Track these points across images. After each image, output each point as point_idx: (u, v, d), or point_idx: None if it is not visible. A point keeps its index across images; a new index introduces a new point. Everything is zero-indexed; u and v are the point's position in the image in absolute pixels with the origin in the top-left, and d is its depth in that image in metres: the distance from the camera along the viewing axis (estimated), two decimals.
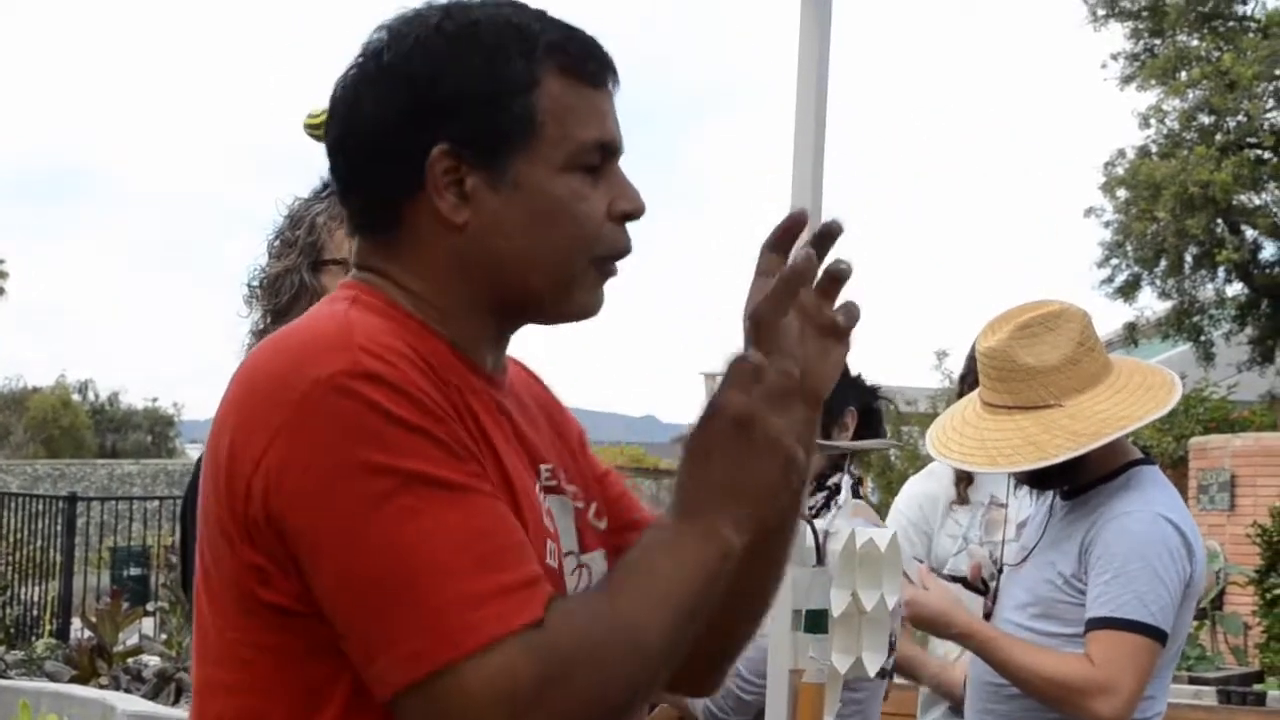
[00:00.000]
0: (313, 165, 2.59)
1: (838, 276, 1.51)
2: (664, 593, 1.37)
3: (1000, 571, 3.56)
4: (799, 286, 1.47)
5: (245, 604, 1.42)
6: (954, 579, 3.36)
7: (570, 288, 1.51)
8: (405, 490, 1.34)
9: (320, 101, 2.66)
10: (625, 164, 1.55)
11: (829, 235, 1.50)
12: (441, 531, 1.33)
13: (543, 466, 1.55)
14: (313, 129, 2.64)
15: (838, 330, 1.52)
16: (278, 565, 1.38)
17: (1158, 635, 2.88)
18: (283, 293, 2.47)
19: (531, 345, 1.67)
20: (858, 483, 3.30)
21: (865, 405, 3.22)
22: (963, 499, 3.77)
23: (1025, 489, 3.27)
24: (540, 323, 1.56)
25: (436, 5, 1.52)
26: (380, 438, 1.35)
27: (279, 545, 1.37)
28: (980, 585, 3.41)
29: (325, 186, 2.54)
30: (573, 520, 1.57)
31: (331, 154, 1.54)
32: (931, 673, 3.58)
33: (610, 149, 1.52)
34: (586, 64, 1.51)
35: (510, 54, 1.48)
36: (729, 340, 3.17)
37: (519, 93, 1.47)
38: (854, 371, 3.18)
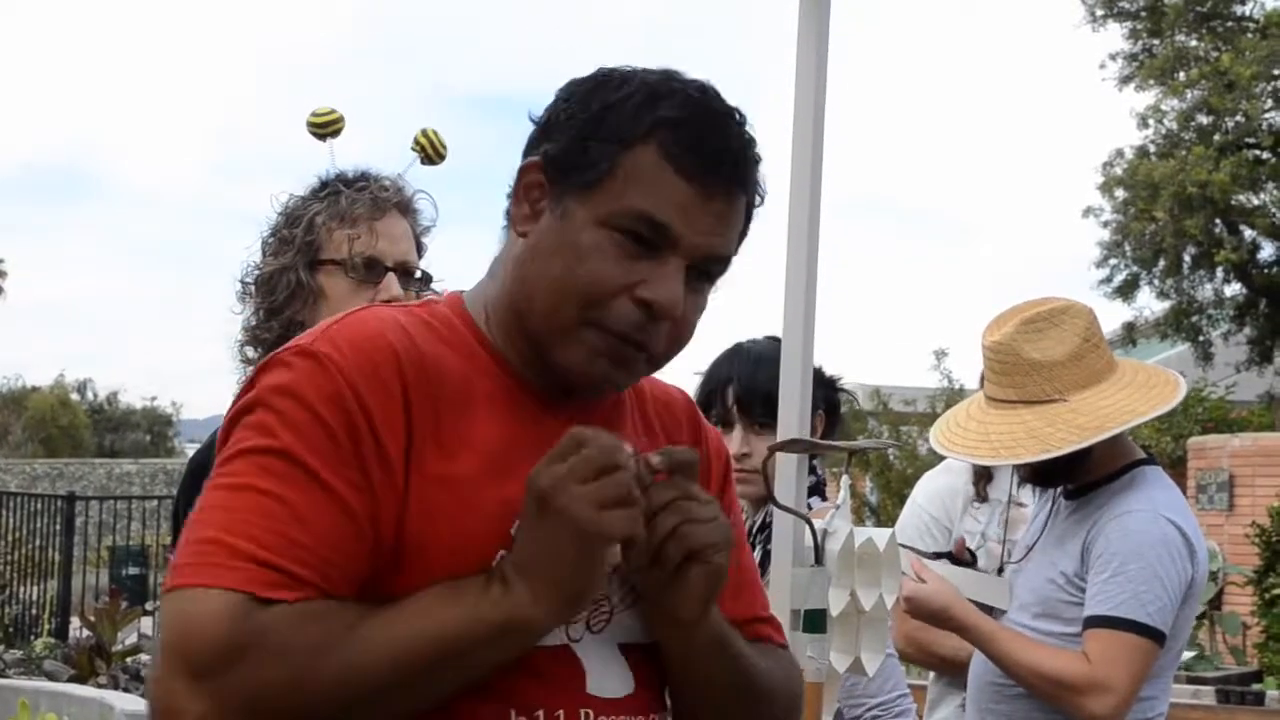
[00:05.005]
0: (314, 165, 2.59)
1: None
2: (407, 636, 1.40)
3: (1002, 569, 3.56)
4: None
5: None
6: (939, 555, 3.34)
7: (562, 337, 1.53)
8: (273, 455, 1.44)
9: (324, 102, 2.68)
10: None
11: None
12: (269, 500, 1.42)
13: None
14: (316, 127, 2.64)
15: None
16: None
17: (1155, 635, 2.88)
18: (279, 291, 2.47)
19: None
20: (822, 483, 3.29)
21: (830, 402, 3.21)
22: (982, 496, 3.77)
23: (1029, 487, 3.26)
24: (557, 373, 1.57)
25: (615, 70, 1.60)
26: (283, 409, 1.46)
27: None
28: (968, 557, 3.40)
29: (323, 186, 2.53)
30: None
31: None
32: (954, 645, 3.55)
33: (665, 233, 1.51)
34: (686, 154, 1.52)
35: (625, 111, 1.53)
36: (724, 339, 3.17)
37: (609, 142, 1.52)
38: (817, 364, 3.13)
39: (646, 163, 1.51)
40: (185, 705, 1.36)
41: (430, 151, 2.69)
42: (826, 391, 3.19)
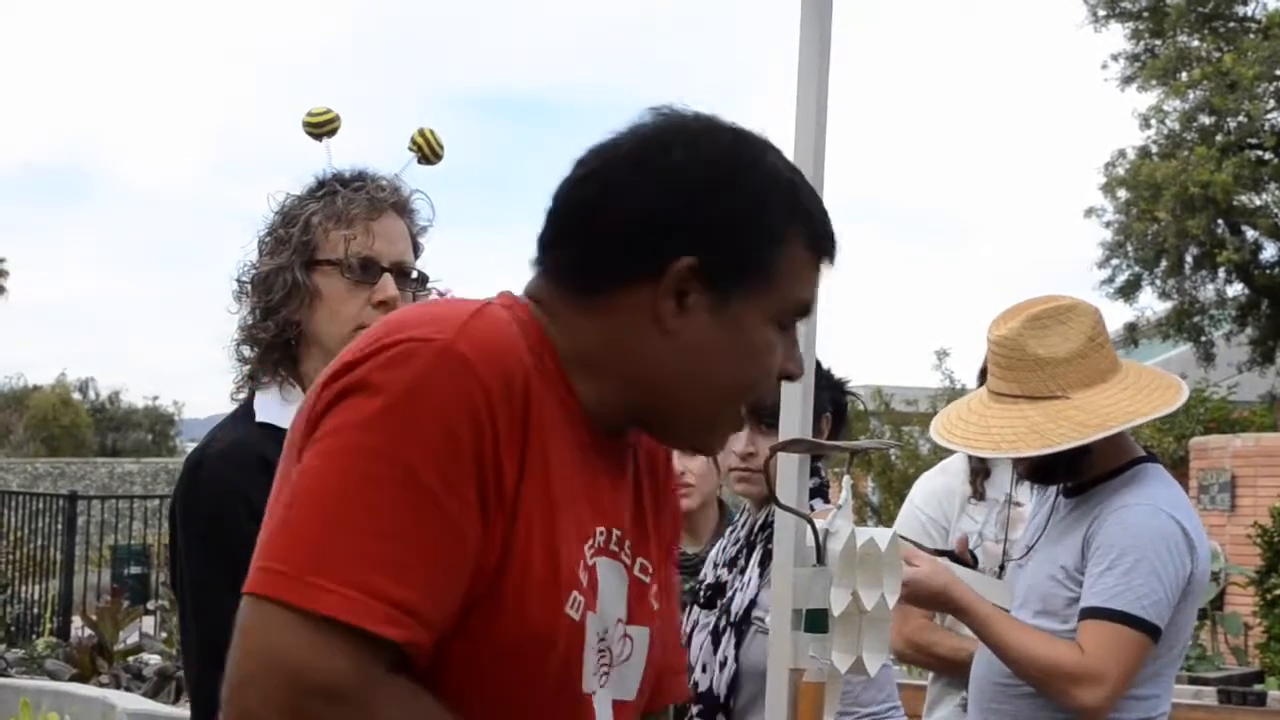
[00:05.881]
0: (314, 164, 2.58)
1: None
2: None
3: (1003, 567, 3.55)
4: None
5: None
6: (941, 553, 3.34)
7: (716, 423, 1.61)
8: (390, 463, 1.37)
9: (324, 101, 2.68)
10: None
11: None
12: (379, 517, 1.36)
13: (614, 530, 1.59)
14: (312, 127, 2.64)
15: None
16: None
17: (1148, 629, 2.87)
18: (274, 290, 2.46)
19: None
20: (826, 486, 3.28)
21: (837, 404, 3.20)
22: (979, 494, 3.76)
23: (1028, 485, 3.25)
24: (653, 436, 1.65)
25: (723, 124, 1.60)
26: (410, 411, 1.39)
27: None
28: (970, 559, 3.39)
29: (320, 185, 2.52)
30: (626, 588, 1.61)
31: (580, 208, 1.58)
32: (953, 645, 3.55)
33: (806, 315, 1.63)
34: (824, 240, 1.61)
35: (776, 205, 1.57)
36: None
37: (771, 243, 1.56)
38: (825, 364, 3.12)
39: (798, 255, 1.58)
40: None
41: (427, 151, 2.68)
42: (834, 393, 3.18)
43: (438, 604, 1.39)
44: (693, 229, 1.53)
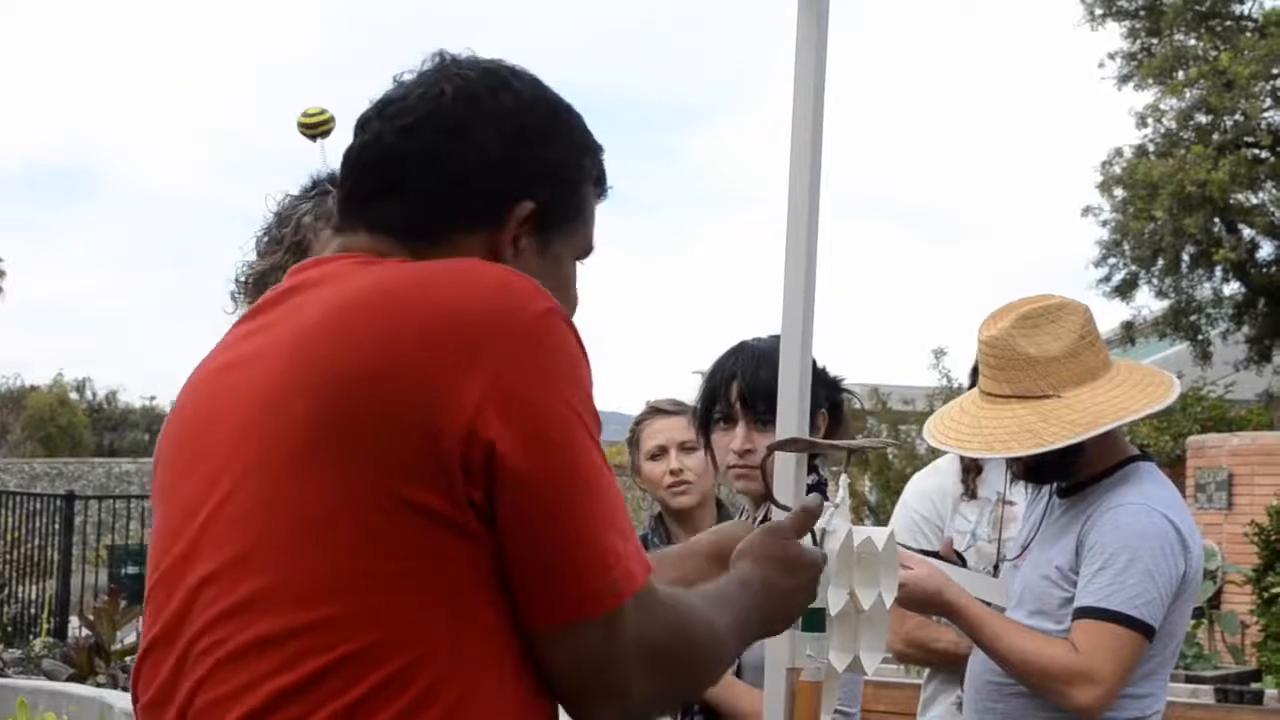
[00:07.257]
0: (312, 165, 2.59)
1: None
2: (740, 624, 1.69)
3: (997, 566, 3.56)
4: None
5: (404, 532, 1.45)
6: (927, 554, 3.34)
7: None
8: (594, 434, 1.48)
9: (324, 102, 2.68)
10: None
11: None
12: (612, 487, 1.49)
13: None
14: (306, 128, 2.64)
15: None
16: (470, 485, 1.43)
17: (1143, 629, 2.88)
18: (269, 290, 2.46)
19: None
20: (824, 484, 3.27)
21: (833, 402, 3.20)
22: (971, 493, 3.76)
23: (1022, 484, 3.26)
24: None
25: (517, 68, 1.64)
26: (584, 380, 1.49)
27: (479, 468, 1.42)
28: (957, 560, 3.39)
29: (314, 185, 2.53)
30: None
31: (410, 155, 1.58)
32: (951, 638, 3.54)
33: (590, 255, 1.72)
34: (605, 180, 1.70)
35: (583, 147, 1.66)
36: (724, 339, 3.15)
37: (583, 186, 1.64)
38: (820, 364, 3.12)
39: (592, 196, 1.67)
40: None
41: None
42: (830, 392, 3.18)
43: None
44: (530, 174, 1.58)
